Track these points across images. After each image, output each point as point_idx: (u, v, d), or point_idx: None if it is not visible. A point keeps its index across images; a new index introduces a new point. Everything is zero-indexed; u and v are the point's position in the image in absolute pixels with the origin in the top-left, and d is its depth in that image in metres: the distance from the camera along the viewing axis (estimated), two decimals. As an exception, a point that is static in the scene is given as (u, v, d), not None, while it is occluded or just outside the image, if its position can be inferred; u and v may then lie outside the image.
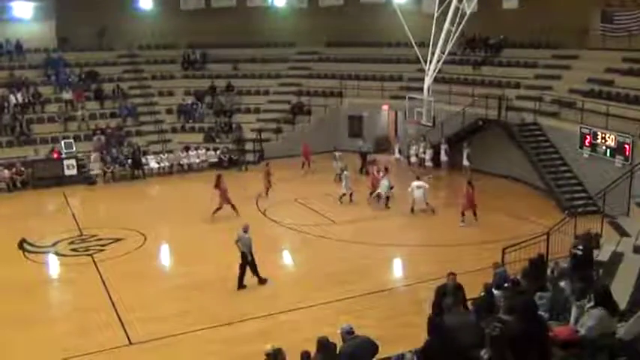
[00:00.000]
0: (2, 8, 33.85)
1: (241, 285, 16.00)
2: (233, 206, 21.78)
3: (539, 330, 7.73)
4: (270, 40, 37.19)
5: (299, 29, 36.76)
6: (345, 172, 24.10)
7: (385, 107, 32.74)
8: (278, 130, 32.84)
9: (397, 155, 30.42)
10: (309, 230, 20.50)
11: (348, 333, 9.21)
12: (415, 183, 21.91)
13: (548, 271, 12.27)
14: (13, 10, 34.12)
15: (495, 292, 11.71)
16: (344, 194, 23.53)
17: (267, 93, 35.53)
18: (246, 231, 16.17)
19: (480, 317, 9.84)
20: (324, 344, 9.02)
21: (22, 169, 27.40)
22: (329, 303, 14.91)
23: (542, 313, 9.38)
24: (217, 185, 21.78)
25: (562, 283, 11.10)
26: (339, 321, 10.97)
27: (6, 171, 27.23)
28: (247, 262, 16.02)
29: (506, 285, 12.03)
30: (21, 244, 19.56)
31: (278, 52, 37.31)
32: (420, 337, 8.75)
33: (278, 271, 17.65)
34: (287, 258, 19.17)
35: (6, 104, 31.08)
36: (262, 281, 16.22)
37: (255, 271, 16.20)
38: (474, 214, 20.80)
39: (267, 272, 16.94)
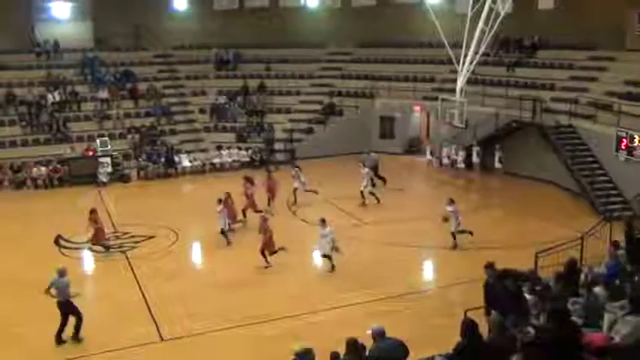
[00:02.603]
0: (41, 8, 34.66)
1: (60, 341, 13.37)
2: (244, 211, 21.47)
3: (572, 336, 7.63)
4: (302, 40, 37.29)
5: (331, 30, 36.80)
6: (365, 169, 23.92)
7: (417, 108, 32.58)
8: (309, 131, 32.93)
9: (429, 157, 30.26)
10: (340, 231, 20.44)
11: (379, 334, 9.16)
12: (448, 208, 19.43)
13: (582, 277, 12.07)
14: (52, 10, 34.90)
15: (528, 296, 11.56)
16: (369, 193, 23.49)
17: (298, 93, 35.64)
18: (62, 275, 13.37)
19: (511, 322, 9.74)
20: (353, 345, 8.99)
21: (59, 166, 27.99)
22: (358, 304, 14.90)
23: (576, 319, 9.24)
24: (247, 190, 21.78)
25: (596, 289, 10.91)
26: (368, 322, 10.93)
27: (43, 168, 27.85)
28: (68, 311, 13.40)
29: (537, 289, 11.87)
30: (57, 240, 19.94)
31: (310, 53, 37.40)
32: (450, 339, 8.69)
33: (307, 271, 17.72)
34: (316, 259, 19.19)
35: (44, 103, 31.78)
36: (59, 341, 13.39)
37: (62, 329, 13.41)
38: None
39: (297, 272, 17.08)
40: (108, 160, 28.58)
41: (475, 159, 27.75)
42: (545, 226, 20.06)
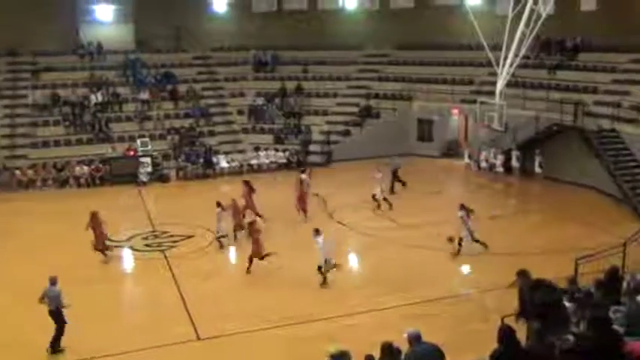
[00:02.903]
0: (86, 11, 35.49)
1: (55, 349, 13.21)
2: (242, 215, 20.90)
3: (613, 344, 7.47)
4: (340, 42, 37.32)
5: (369, 32, 36.75)
6: (379, 175, 23.68)
7: (455, 111, 32.30)
8: (346, 133, 32.95)
9: (467, 160, 29.96)
10: (376, 233, 20.46)
11: (415, 338, 9.10)
12: (458, 213, 18.73)
13: (624, 284, 11.81)
14: (96, 13, 35.70)
15: (567, 304, 11.37)
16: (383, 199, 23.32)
17: (335, 95, 35.68)
18: (54, 283, 13.29)
19: (549, 329, 9.58)
20: (388, 349, 8.97)
21: (101, 165, 28.61)
22: (394, 308, 14.86)
23: (617, 328, 9.05)
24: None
25: (639, 297, 10.67)
26: (403, 326, 10.89)
27: (85, 167, 28.52)
28: (63, 321, 13.28)
29: (577, 296, 11.66)
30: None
31: (347, 55, 37.39)
32: (486, 345, 8.60)
33: (344, 273, 17.71)
34: (353, 261, 19.22)
35: (87, 103, 32.52)
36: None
37: (58, 337, 13.26)
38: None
39: (332, 274, 17.05)
40: (148, 160, 29.09)
41: (514, 163, 27.35)
42: (586, 232, 19.69)
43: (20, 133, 30.96)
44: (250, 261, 17.36)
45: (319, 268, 16.24)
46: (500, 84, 27.11)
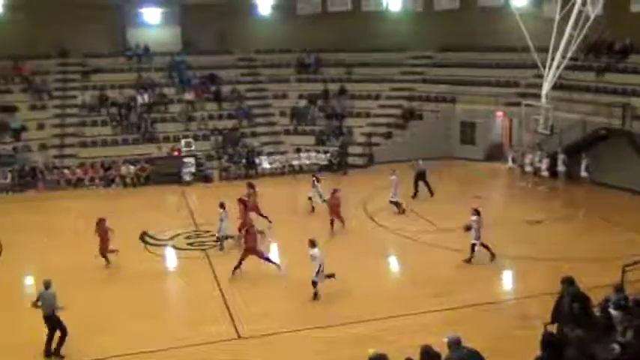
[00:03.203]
0: (134, 14, 36.28)
1: (49, 354, 13.00)
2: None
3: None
4: (383, 44, 37.18)
5: (413, 33, 36.51)
6: (393, 177, 23.41)
7: (500, 114, 31.85)
8: (388, 135, 32.84)
9: (511, 164, 29.48)
10: (417, 237, 20.34)
11: (455, 343, 9.04)
12: (471, 217, 18.13)
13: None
14: (144, 15, 36.47)
15: (613, 312, 11.11)
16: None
17: (378, 97, 35.59)
18: (47, 287, 13.03)
19: (595, 338, 9.39)
20: (428, 353, 8.92)
21: (146, 165, 29.20)
22: (433, 312, 14.74)
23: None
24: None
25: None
26: (442, 330, 10.82)
27: (131, 167, 29.16)
28: (54, 325, 12.98)
29: (623, 304, 11.38)
30: (142, 237, 20.81)
31: (391, 57, 37.24)
32: (528, 352, 8.50)
33: (383, 276, 17.69)
34: (392, 263, 19.15)
35: (133, 104, 33.24)
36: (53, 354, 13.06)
37: (49, 342, 13.03)
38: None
39: (372, 277, 17.06)
40: (192, 160, 29.56)
41: (560, 167, 26.76)
42: (633, 239, 19.16)
43: (69, 132, 31.87)
44: (239, 263, 17.23)
45: (314, 283, 15.44)
46: (546, 86, 26.63)
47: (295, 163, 30.96)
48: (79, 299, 15.55)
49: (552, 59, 26.23)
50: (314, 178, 23.68)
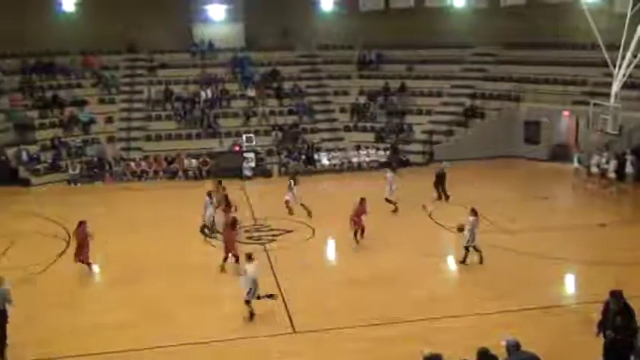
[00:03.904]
0: (199, 11, 37.04)
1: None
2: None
3: None
4: (446, 40, 36.71)
5: (476, 30, 35.90)
6: (389, 174, 23.46)
7: (566, 113, 30.95)
8: (449, 133, 32.43)
9: (576, 165, 28.51)
10: (479, 237, 19.97)
11: (514, 346, 8.89)
12: (469, 217, 17.87)
13: None
14: (209, 12, 37.18)
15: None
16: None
17: (440, 95, 35.18)
18: (1, 284, 12.94)
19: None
20: (484, 355, 8.80)
21: (208, 159, 29.81)
22: (490, 314, 14.48)
23: None
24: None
25: None
26: (499, 333, 10.63)
27: (194, 161, 29.84)
28: (5, 324, 12.70)
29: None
30: (202, 229, 21.22)
31: (453, 54, 36.75)
32: (587, 358, 8.26)
33: (439, 276, 17.50)
34: (449, 263, 18.90)
35: (197, 99, 33.97)
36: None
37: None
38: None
39: (427, 277, 16.90)
40: (252, 155, 29.99)
41: (628, 169, 25.77)
42: None
43: (135, 126, 32.85)
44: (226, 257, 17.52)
45: (247, 302, 14.41)
46: (616, 85, 25.68)
47: (354, 160, 30.96)
48: (140, 287, 16.10)
49: (623, 57, 25.28)
50: (291, 180, 23.17)
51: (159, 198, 25.33)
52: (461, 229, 17.58)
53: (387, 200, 23.07)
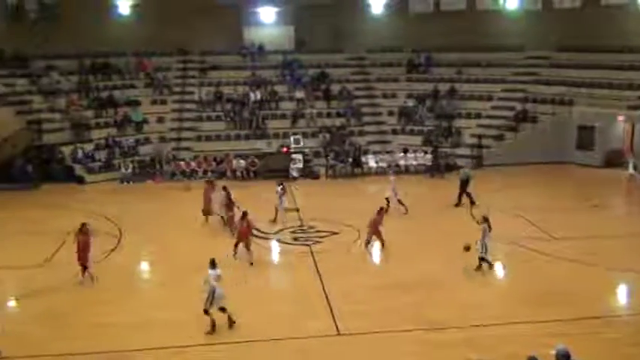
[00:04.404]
0: (251, 14, 37.55)
1: None
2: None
3: None
4: (497, 43, 36.20)
5: (529, 32, 35.28)
6: (392, 177, 23.49)
7: (621, 118, 30.09)
8: (499, 137, 31.92)
9: (631, 171, 27.77)
10: (525, 243, 19.65)
11: (564, 356, 8.71)
12: (481, 225, 17.64)
13: None
14: (260, 15, 37.64)
15: None
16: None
17: (490, 98, 34.67)
18: None
19: None
20: (533, 363, 8.67)
21: (256, 160, 30.15)
22: (538, 322, 14.20)
23: None
24: None
25: None
26: (547, 342, 10.45)
27: (242, 161, 30.21)
28: None
29: None
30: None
31: (505, 57, 36.14)
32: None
33: (487, 281, 17.26)
34: (497, 270, 18.62)
35: (246, 101, 34.40)
36: None
37: None
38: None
39: (475, 282, 16.68)
40: (300, 156, 30.20)
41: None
42: None
43: (186, 127, 33.48)
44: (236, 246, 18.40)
45: (205, 311, 13.86)
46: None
47: (402, 163, 30.80)
48: (187, 285, 16.36)
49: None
50: (280, 187, 22.91)
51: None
52: (467, 248, 17.29)
53: (400, 203, 23.02)
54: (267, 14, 37.74)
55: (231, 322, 14.09)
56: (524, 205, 23.63)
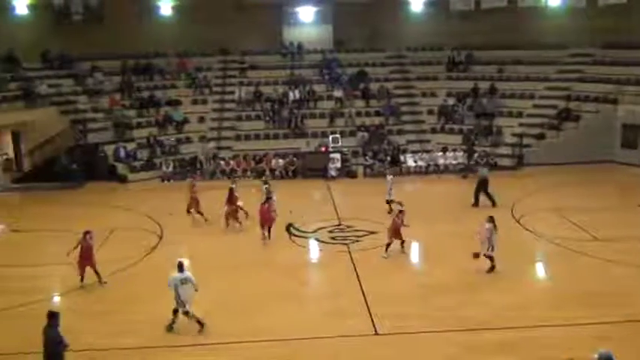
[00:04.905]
0: (291, 13, 37.76)
1: None
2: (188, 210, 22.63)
3: None
4: (539, 41, 35.60)
5: (573, 30, 34.57)
6: (389, 177, 23.64)
7: (668, 116, 29.26)
8: (541, 136, 31.36)
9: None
10: (567, 244, 19.28)
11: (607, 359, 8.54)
12: (485, 225, 17.16)
13: None
14: (299, 15, 37.80)
15: None
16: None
17: (532, 97, 34.09)
18: None
19: None
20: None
21: (294, 159, 30.27)
22: (581, 325, 13.91)
23: None
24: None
25: None
26: (592, 346, 10.22)
27: (281, 160, 30.37)
28: None
29: None
30: (288, 228, 21.63)
31: (547, 54, 35.52)
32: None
33: (527, 282, 16.99)
34: (538, 270, 18.33)
35: (285, 100, 34.57)
36: None
37: None
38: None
39: (516, 284, 16.42)
40: (338, 156, 30.20)
41: None
42: None
43: (226, 126, 33.83)
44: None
45: (175, 311, 13.81)
46: None
47: (441, 162, 30.53)
48: (224, 283, 16.57)
49: None
50: (266, 186, 22.95)
51: (246, 196, 25.93)
52: (477, 255, 17.08)
53: (387, 202, 22.99)
54: (307, 13, 37.89)
55: (200, 325, 13.82)
56: (566, 205, 23.17)
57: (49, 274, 17.71)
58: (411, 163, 30.55)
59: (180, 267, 14.14)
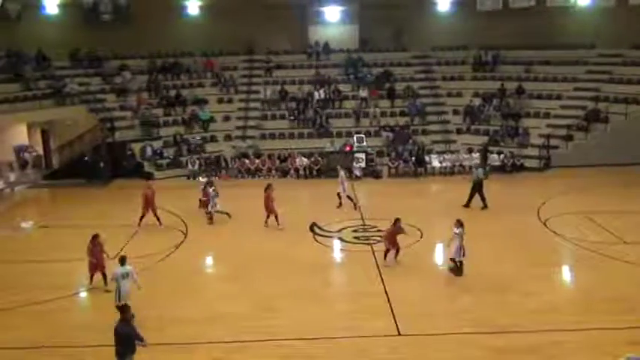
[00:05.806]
0: (316, 13, 37.78)
1: None
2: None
3: None
4: (568, 41, 35.14)
5: (602, 29, 34.06)
6: (341, 172, 24.31)
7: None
8: (568, 138, 30.95)
9: None
10: (594, 247, 19.03)
11: (637, 367, 8.41)
12: (454, 230, 17.15)
13: None
14: (324, 14, 37.82)
15: None
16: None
17: (559, 97, 33.67)
18: None
19: None
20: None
21: (319, 158, 30.29)
22: (611, 329, 13.70)
23: None
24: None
25: None
26: (622, 351, 10.07)
27: (305, 159, 30.42)
28: None
29: None
30: (312, 227, 21.66)
31: (576, 55, 35.04)
32: None
33: (555, 285, 16.79)
34: (566, 273, 18.11)
35: (310, 99, 34.61)
36: None
37: None
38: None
39: (543, 287, 16.25)
40: (362, 155, 30.15)
41: None
42: None
43: (251, 125, 33.98)
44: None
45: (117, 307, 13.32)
46: None
47: (466, 163, 30.30)
48: (252, 280, 16.65)
49: None
50: (212, 188, 22.64)
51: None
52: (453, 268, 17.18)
53: (338, 195, 23.83)
54: (332, 13, 37.88)
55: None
56: (595, 208, 22.85)
57: (76, 269, 17.94)
58: (436, 163, 30.38)
59: (122, 261, 14.53)
